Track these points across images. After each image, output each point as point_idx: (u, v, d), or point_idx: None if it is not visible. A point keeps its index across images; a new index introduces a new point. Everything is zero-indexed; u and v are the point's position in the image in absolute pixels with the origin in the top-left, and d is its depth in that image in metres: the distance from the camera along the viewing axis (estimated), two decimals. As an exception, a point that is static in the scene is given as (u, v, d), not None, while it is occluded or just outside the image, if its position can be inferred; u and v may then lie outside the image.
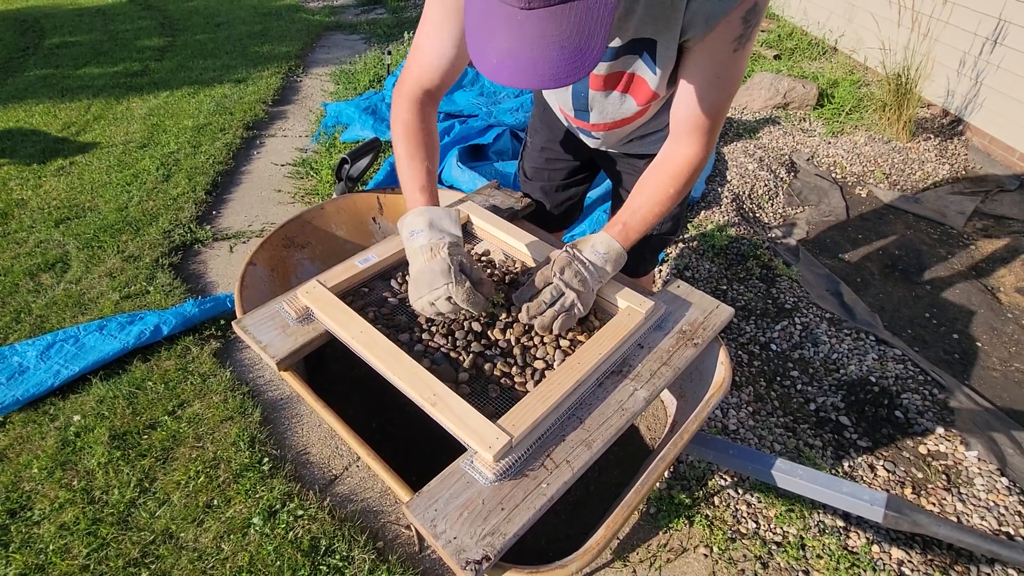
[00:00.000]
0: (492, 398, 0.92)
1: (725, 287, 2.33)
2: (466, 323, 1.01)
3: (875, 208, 2.85)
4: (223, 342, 2.04)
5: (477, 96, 3.48)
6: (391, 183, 2.73)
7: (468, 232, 1.29)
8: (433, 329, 1.01)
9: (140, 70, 4.42)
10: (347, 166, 1.72)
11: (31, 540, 1.47)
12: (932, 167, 3.08)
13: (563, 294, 0.94)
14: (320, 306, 1.00)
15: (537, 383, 0.92)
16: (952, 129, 3.36)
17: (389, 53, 4.12)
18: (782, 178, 3.01)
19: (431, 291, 0.89)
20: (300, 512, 1.52)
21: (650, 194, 0.99)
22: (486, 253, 1.21)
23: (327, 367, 1.36)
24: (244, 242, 2.58)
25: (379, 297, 1.10)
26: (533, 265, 1.16)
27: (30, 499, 1.56)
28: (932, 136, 3.28)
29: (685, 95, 0.91)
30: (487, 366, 0.95)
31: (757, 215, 2.78)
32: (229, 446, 1.68)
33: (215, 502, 1.55)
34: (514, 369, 0.95)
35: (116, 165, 3.11)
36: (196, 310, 2.05)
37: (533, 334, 1.01)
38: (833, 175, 3.09)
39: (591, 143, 1.25)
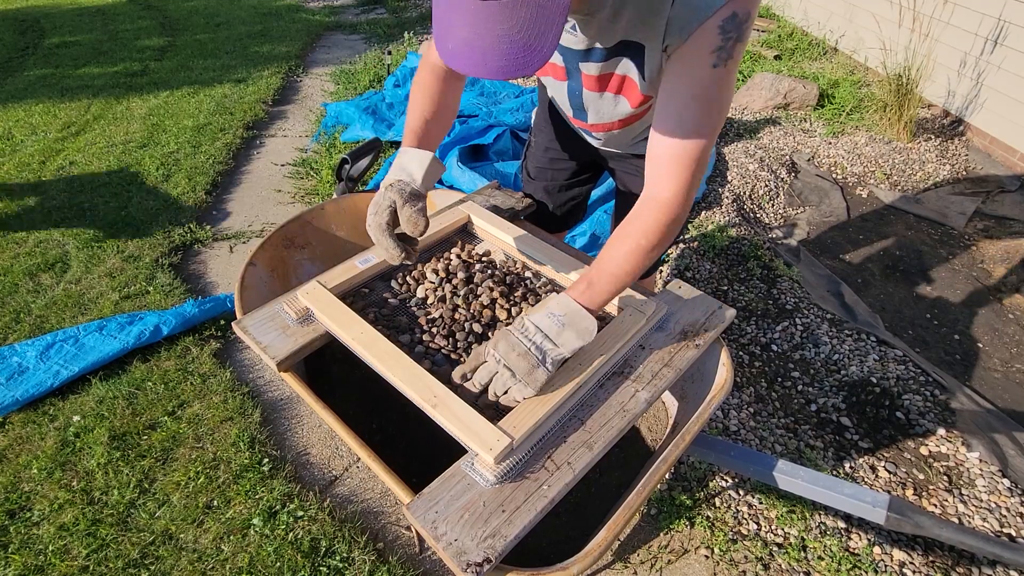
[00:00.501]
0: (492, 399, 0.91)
1: (726, 287, 2.32)
2: (467, 324, 1.01)
3: (876, 209, 2.85)
4: (223, 342, 2.04)
5: (477, 96, 3.48)
6: (391, 183, 2.72)
7: (469, 232, 1.28)
8: (434, 330, 1.00)
9: (140, 70, 4.42)
10: (347, 166, 1.71)
11: (30, 541, 1.46)
12: (933, 168, 3.08)
13: (496, 373, 0.83)
14: (320, 307, 1.00)
15: None
16: (953, 130, 3.36)
17: (389, 53, 4.11)
18: (783, 178, 3.01)
19: (371, 216, 0.94)
20: (300, 513, 1.51)
21: (621, 250, 0.87)
22: (487, 253, 1.21)
23: (327, 368, 1.36)
24: (244, 242, 2.58)
25: (379, 298, 1.10)
26: (533, 266, 1.16)
27: (29, 500, 1.56)
28: (933, 137, 3.28)
29: (661, 125, 0.83)
30: None
31: (758, 215, 2.78)
32: (229, 447, 1.67)
33: (215, 503, 1.54)
34: None
35: (116, 165, 3.10)
36: (196, 310, 2.05)
37: None
38: (834, 175, 3.09)
39: (594, 143, 1.25)
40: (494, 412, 0.87)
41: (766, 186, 2.92)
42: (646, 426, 1.28)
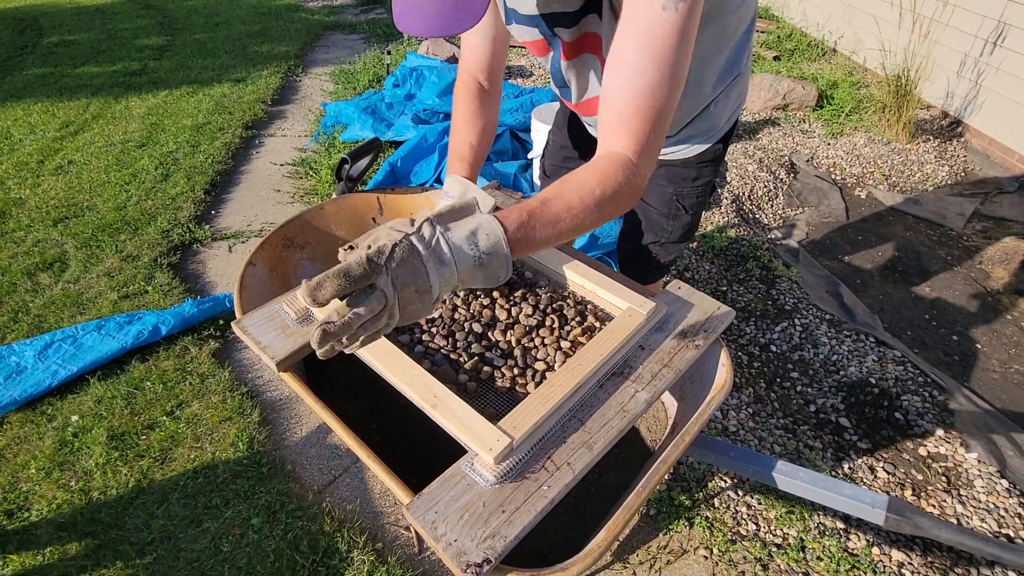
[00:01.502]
0: (493, 399, 0.91)
1: (725, 288, 2.32)
2: (467, 324, 1.01)
3: (875, 209, 2.85)
4: (222, 342, 2.04)
5: (477, 96, 3.48)
6: (391, 183, 2.73)
7: None
8: (434, 330, 1.00)
9: (139, 69, 4.41)
10: (347, 166, 1.71)
11: (28, 541, 1.46)
12: (931, 169, 3.08)
13: (376, 292, 0.58)
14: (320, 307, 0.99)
15: (538, 384, 0.91)
16: (952, 131, 3.36)
17: (389, 53, 4.11)
18: (782, 179, 3.01)
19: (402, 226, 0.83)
20: (299, 513, 1.51)
21: (571, 187, 0.74)
22: None
23: (326, 368, 1.35)
24: (243, 242, 2.58)
25: None
26: (533, 265, 1.16)
27: (28, 499, 1.55)
28: (932, 138, 3.29)
29: (612, 71, 0.74)
30: (487, 368, 0.95)
31: (757, 216, 2.78)
32: (228, 447, 1.67)
33: (213, 503, 1.54)
34: (515, 370, 0.94)
35: (115, 164, 3.10)
36: (195, 310, 2.05)
37: (534, 335, 1.00)
38: (833, 176, 3.09)
39: (594, 133, 1.24)
40: (494, 412, 0.87)
41: (765, 187, 2.92)
42: (645, 427, 1.28)
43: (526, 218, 0.70)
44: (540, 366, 0.95)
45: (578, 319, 1.04)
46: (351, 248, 0.60)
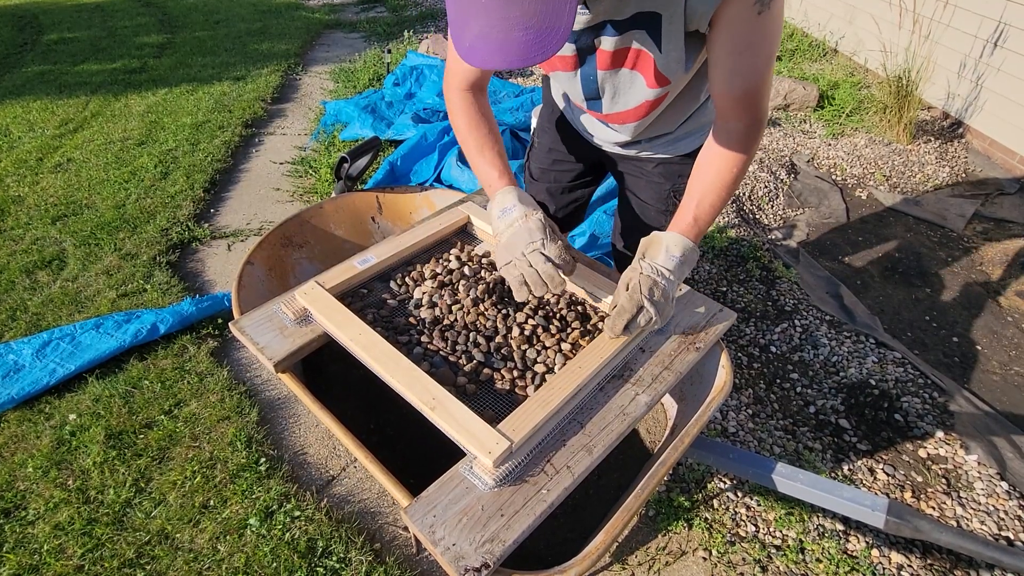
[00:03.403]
0: (492, 402, 0.91)
1: (725, 289, 2.32)
2: (466, 325, 1.01)
3: (875, 210, 2.85)
4: (220, 341, 2.03)
5: (477, 95, 3.47)
6: (390, 182, 2.72)
7: (468, 233, 1.28)
8: (433, 332, 1.00)
9: (139, 67, 4.40)
10: (346, 165, 1.71)
11: (25, 540, 1.45)
12: (932, 170, 3.08)
13: (652, 319, 0.92)
14: (318, 307, 0.99)
15: (538, 387, 0.91)
16: (952, 132, 3.36)
17: (389, 52, 4.10)
18: (782, 180, 3.00)
19: (528, 243, 0.94)
20: (297, 513, 1.51)
21: (713, 179, 0.94)
22: (486, 254, 1.20)
23: (325, 368, 1.35)
24: (242, 241, 2.57)
25: (378, 299, 1.09)
26: None
27: (25, 498, 1.55)
28: (932, 139, 3.28)
29: (719, 71, 0.87)
30: (487, 370, 0.94)
31: (757, 217, 2.78)
32: (226, 446, 1.67)
33: (211, 502, 1.54)
34: (515, 372, 0.94)
35: (114, 162, 3.09)
36: (193, 309, 2.04)
37: (534, 338, 1.00)
38: (833, 177, 3.09)
39: (605, 138, 1.22)
40: (493, 414, 0.86)
41: (766, 187, 2.91)
42: (645, 428, 1.28)
43: (695, 225, 0.95)
44: (540, 368, 0.95)
45: (578, 321, 1.03)
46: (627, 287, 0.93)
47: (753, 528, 1.50)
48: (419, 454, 1.23)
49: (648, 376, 0.95)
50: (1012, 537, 1.49)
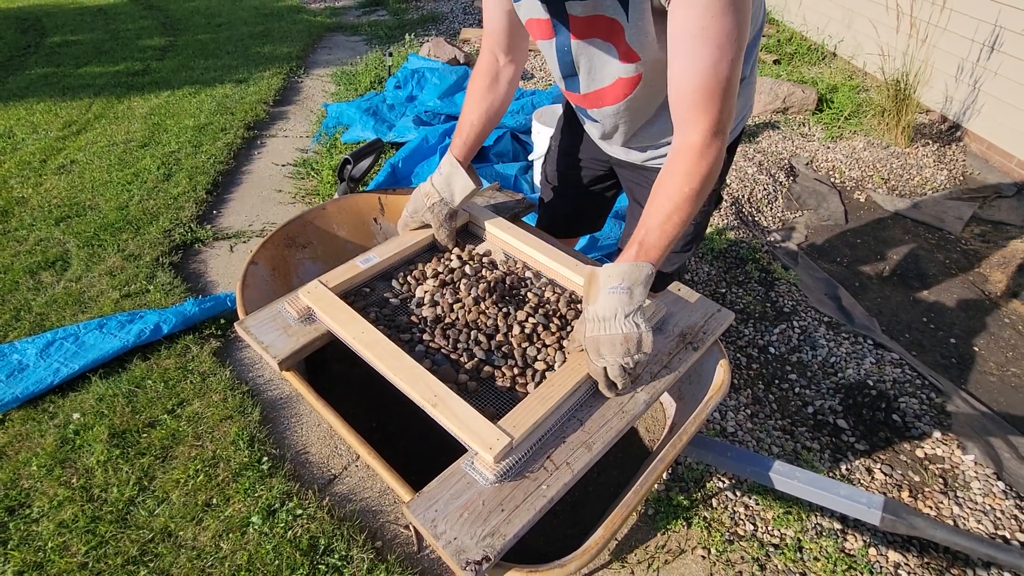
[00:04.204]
0: (493, 399, 0.92)
1: (724, 290, 2.34)
2: (467, 324, 1.02)
3: (874, 213, 2.87)
4: (223, 341, 2.05)
5: (478, 98, 3.49)
6: (392, 184, 2.74)
7: (470, 232, 1.29)
8: (435, 330, 1.01)
9: (141, 69, 4.43)
10: (350, 166, 1.72)
11: (30, 537, 1.47)
12: (930, 172, 3.09)
13: (626, 365, 0.86)
14: (322, 306, 1.01)
15: (538, 384, 0.92)
16: (950, 135, 3.38)
17: (390, 55, 4.13)
18: (781, 182, 3.02)
19: (402, 219, 1.18)
20: (299, 511, 1.52)
21: (663, 200, 0.87)
22: (487, 253, 1.22)
23: (327, 367, 1.36)
24: (244, 242, 2.59)
25: (381, 297, 1.10)
26: (534, 266, 1.17)
27: (29, 496, 1.56)
28: (930, 142, 3.30)
29: (676, 65, 0.81)
30: (488, 367, 0.96)
31: (756, 219, 2.79)
32: (228, 445, 1.68)
33: (214, 501, 1.55)
34: (515, 370, 0.95)
35: (117, 164, 3.11)
36: (196, 309, 2.05)
37: (534, 336, 1.01)
38: (832, 180, 3.11)
39: (595, 133, 1.21)
40: (494, 411, 0.88)
41: (764, 190, 2.93)
42: (644, 427, 1.29)
43: (638, 247, 0.87)
44: (540, 366, 0.96)
45: (577, 320, 1.04)
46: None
47: (752, 527, 1.51)
48: (420, 452, 1.24)
49: (647, 374, 0.96)
50: (1008, 536, 1.50)
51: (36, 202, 2.78)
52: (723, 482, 1.61)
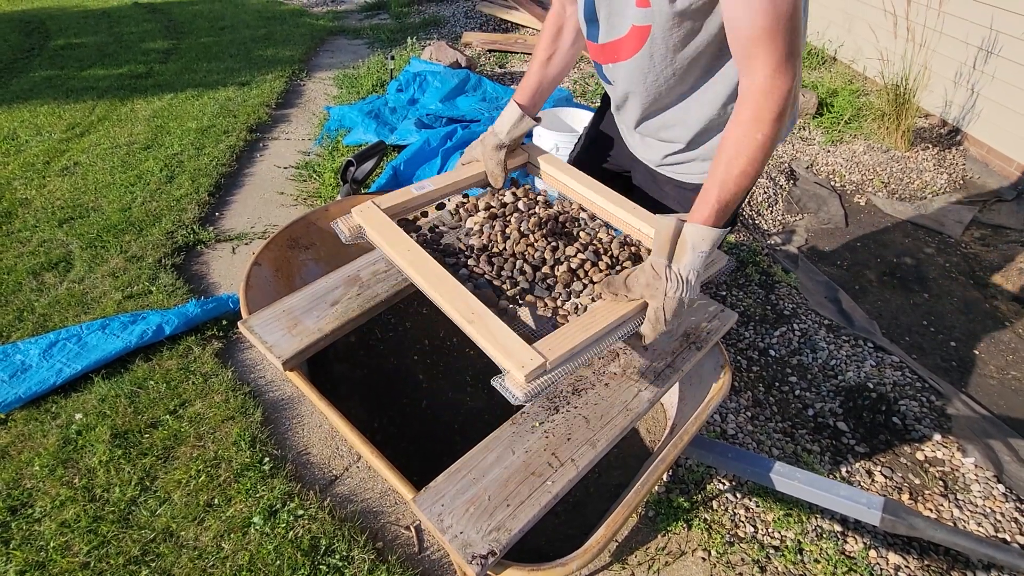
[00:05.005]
0: (531, 328, 0.88)
1: (724, 293, 2.34)
2: (515, 254, 0.96)
3: (873, 216, 2.88)
4: (225, 342, 2.05)
5: (480, 102, 3.51)
6: (394, 186, 2.75)
7: (527, 173, 1.27)
8: (480, 257, 0.97)
9: (145, 72, 4.45)
10: (352, 168, 1.73)
11: (32, 537, 1.47)
12: (930, 176, 3.11)
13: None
14: (372, 225, 0.98)
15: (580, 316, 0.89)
16: (950, 139, 3.39)
17: (392, 58, 4.15)
18: (781, 186, 3.03)
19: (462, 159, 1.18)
20: (300, 512, 1.52)
21: (734, 153, 0.83)
22: (542, 193, 1.20)
23: (330, 368, 1.37)
24: (246, 243, 2.60)
25: (431, 225, 1.09)
26: (589, 207, 1.12)
27: (31, 496, 1.57)
28: (930, 146, 3.31)
29: (728, 13, 0.80)
30: (530, 296, 0.91)
31: (757, 222, 2.80)
32: (230, 445, 1.68)
33: (216, 501, 1.55)
34: (558, 301, 0.91)
35: (120, 166, 3.12)
36: (198, 310, 2.06)
37: (581, 272, 0.97)
38: (832, 183, 3.12)
39: (613, 100, 1.20)
40: (532, 336, 0.84)
41: (765, 193, 2.94)
42: (645, 427, 1.30)
43: (717, 206, 0.84)
44: (584, 300, 0.91)
45: (630, 262, 1.00)
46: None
47: (752, 529, 1.52)
48: (421, 453, 1.24)
49: (651, 373, 0.97)
50: (1008, 538, 1.50)
51: (39, 204, 2.80)
52: (723, 484, 1.62)
